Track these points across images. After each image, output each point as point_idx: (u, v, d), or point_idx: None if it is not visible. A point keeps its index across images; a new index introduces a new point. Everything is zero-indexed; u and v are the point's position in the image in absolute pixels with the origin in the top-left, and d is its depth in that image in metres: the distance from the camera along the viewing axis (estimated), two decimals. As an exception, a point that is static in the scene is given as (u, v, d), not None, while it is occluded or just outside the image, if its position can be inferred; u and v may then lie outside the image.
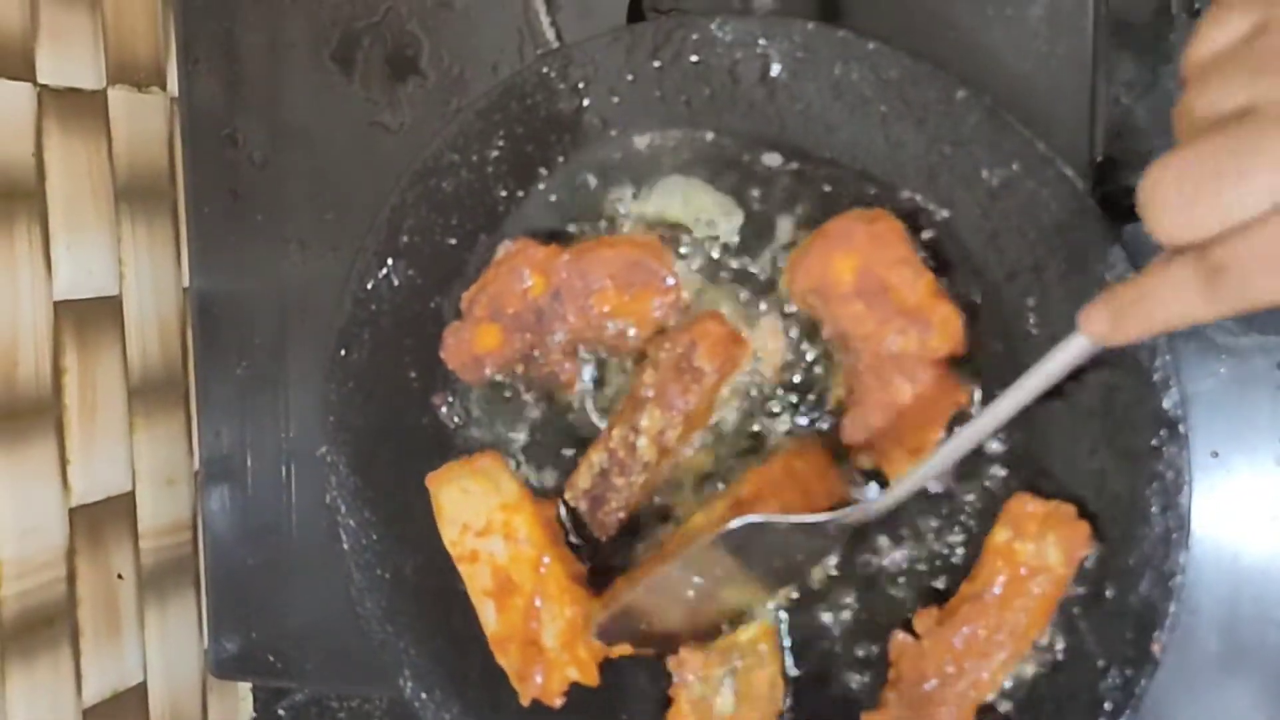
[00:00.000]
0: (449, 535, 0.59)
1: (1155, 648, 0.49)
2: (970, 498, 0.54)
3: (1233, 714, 0.60)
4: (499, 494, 0.59)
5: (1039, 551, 0.50)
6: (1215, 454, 0.60)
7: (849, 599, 0.57)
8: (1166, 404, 0.48)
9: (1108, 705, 0.50)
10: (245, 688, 0.82)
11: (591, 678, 0.57)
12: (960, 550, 0.55)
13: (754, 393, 0.57)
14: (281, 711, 0.81)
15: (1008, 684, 0.53)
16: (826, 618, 0.57)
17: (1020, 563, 0.51)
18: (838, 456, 0.56)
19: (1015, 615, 0.51)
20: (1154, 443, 0.49)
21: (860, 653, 0.57)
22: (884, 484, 0.55)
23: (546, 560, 0.58)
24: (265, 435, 0.74)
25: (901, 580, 0.56)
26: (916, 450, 0.52)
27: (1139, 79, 0.61)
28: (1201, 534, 0.58)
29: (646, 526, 0.59)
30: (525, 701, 0.58)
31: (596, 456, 0.58)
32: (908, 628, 0.54)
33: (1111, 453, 0.50)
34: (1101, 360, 0.50)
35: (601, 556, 0.60)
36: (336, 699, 0.79)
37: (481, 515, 0.59)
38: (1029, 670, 0.53)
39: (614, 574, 0.58)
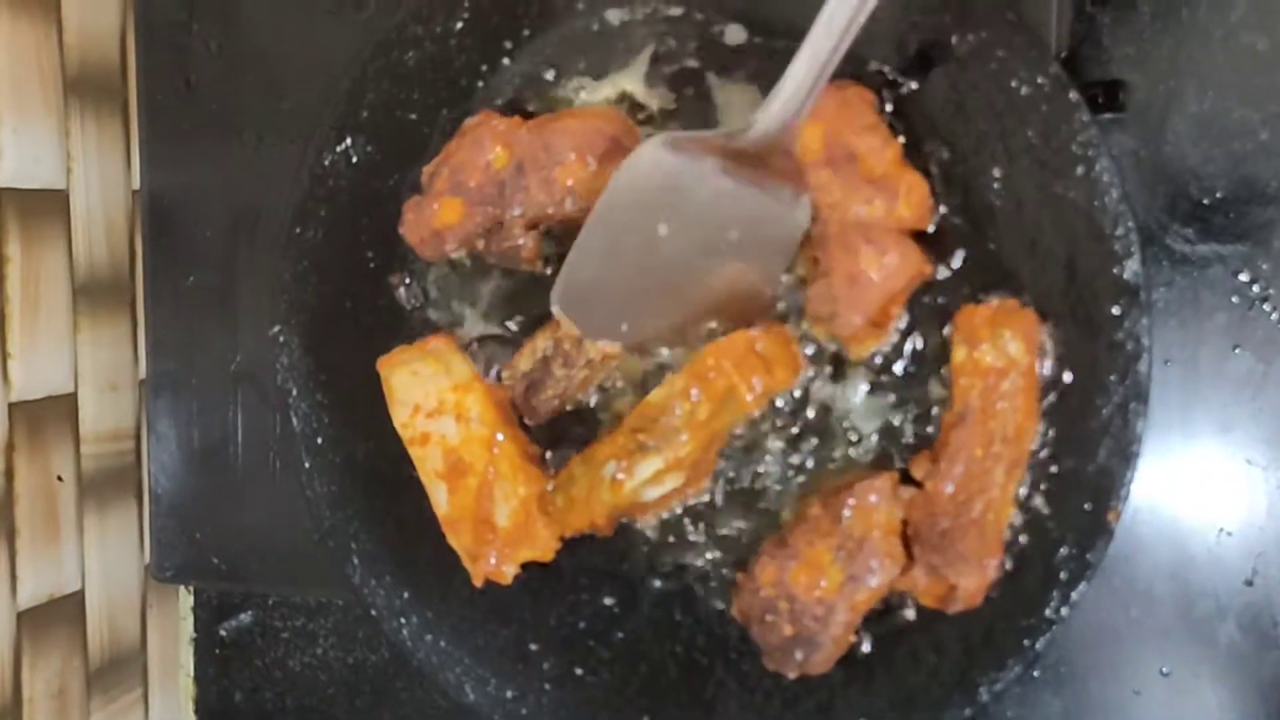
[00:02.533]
0: (400, 418, 0.58)
1: (1111, 517, 0.49)
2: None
3: (1181, 621, 0.60)
4: (450, 375, 0.58)
5: (998, 350, 0.50)
6: (1168, 361, 0.60)
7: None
8: (1127, 273, 0.48)
9: (1063, 575, 0.50)
10: (187, 606, 0.80)
11: (548, 552, 0.56)
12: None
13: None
14: (224, 633, 0.80)
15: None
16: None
17: (986, 368, 0.50)
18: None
19: (1001, 421, 0.50)
20: (1114, 311, 0.49)
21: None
22: (843, 365, 0.55)
23: (500, 438, 0.57)
24: (213, 350, 0.73)
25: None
26: (880, 323, 0.52)
27: (1105, -16, 0.61)
28: (1152, 442, 0.58)
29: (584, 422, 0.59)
30: (478, 582, 0.57)
31: (542, 342, 0.57)
32: (907, 480, 0.54)
33: (1073, 322, 0.50)
34: (1062, 221, 0.50)
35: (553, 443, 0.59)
36: (281, 619, 0.78)
37: (433, 396, 0.58)
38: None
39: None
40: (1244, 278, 0.60)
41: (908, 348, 0.54)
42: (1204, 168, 0.60)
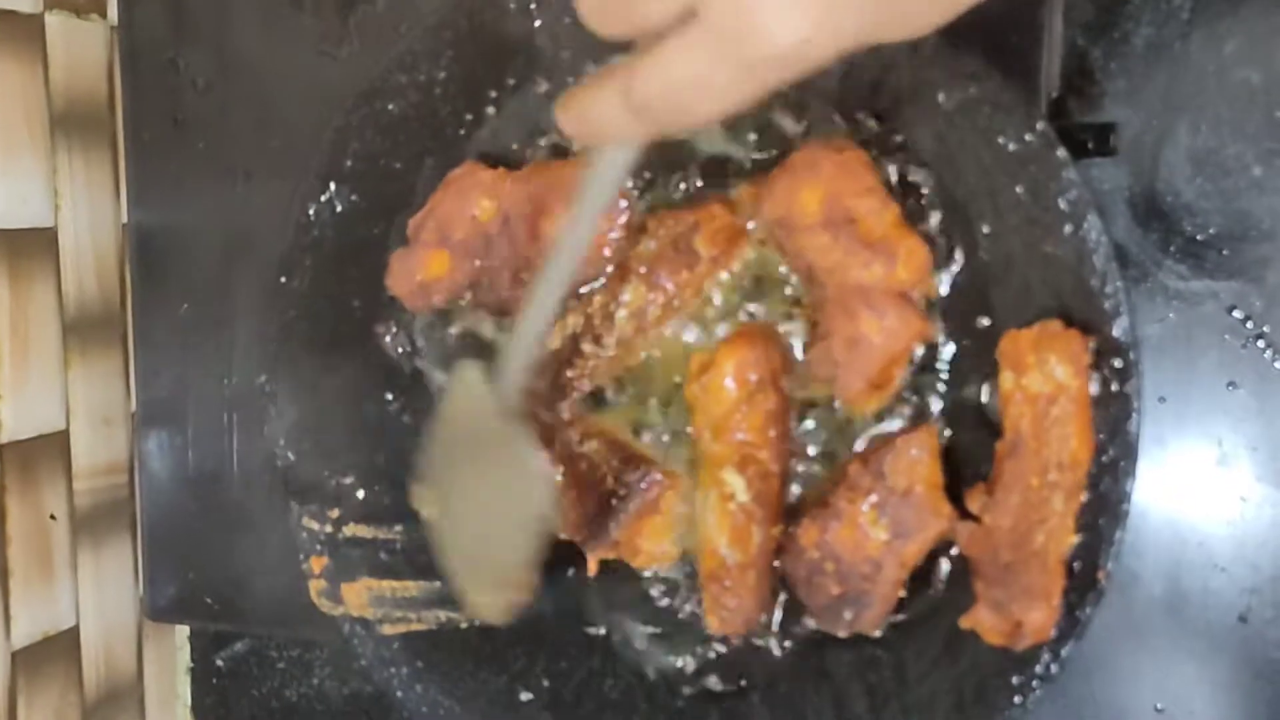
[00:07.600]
0: None
1: (1101, 576, 0.49)
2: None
3: (1175, 657, 0.60)
4: None
5: (1045, 375, 0.48)
6: (1163, 399, 0.60)
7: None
8: (1116, 332, 0.48)
9: (1054, 633, 0.50)
10: (183, 637, 0.80)
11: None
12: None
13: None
14: (220, 662, 0.80)
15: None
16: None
17: (1035, 394, 0.49)
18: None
19: (1055, 447, 0.49)
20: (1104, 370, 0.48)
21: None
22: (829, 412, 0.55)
23: None
24: (207, 378, 0.73)
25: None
26: (880, 385, 0.51)
27: (1096, 20, 0.61)
28: (1147, 478, 0.58)
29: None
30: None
31: (572, 319, 0.56)
32: (965, 515, 0.52)
33: (1062, 380, 0.50)
34: (1050, 279, 0.50)
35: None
36: (276, 649, 0.78)
37: None
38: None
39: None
40: (1238, 314, 0.59)
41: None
42: (1197, 203, 0.59)
